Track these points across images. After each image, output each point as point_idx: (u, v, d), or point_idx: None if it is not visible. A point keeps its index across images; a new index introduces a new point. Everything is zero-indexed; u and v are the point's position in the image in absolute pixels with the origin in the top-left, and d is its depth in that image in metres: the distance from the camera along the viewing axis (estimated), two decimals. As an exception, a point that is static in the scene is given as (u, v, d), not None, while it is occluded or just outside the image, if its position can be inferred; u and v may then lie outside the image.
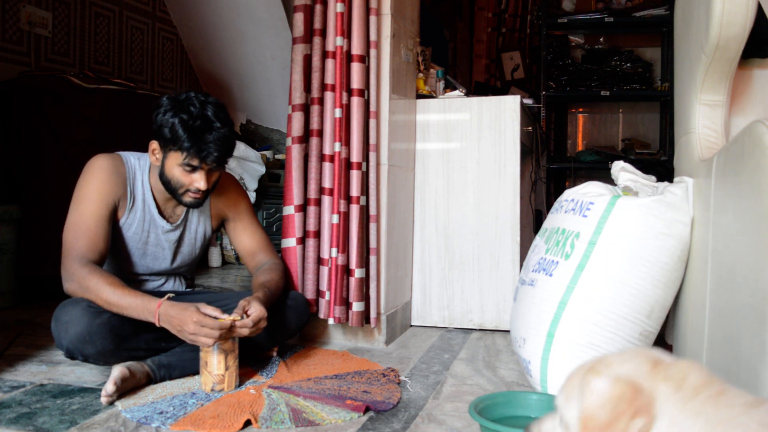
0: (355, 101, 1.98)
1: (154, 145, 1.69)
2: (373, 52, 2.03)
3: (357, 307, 1.97)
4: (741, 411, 0.60)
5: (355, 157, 1.98)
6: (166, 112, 1.62)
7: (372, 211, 2.04)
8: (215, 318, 1.50)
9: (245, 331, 1.54)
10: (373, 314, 2.03)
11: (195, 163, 1.62)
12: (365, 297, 2.01)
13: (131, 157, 1.75)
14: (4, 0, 3.06)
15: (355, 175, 1.97)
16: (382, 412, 1.46)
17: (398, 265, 2.26)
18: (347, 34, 1.98)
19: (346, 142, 1.97)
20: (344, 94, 1.97)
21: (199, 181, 1.65)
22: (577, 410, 0.65)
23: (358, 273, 1.97)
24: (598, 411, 0.63)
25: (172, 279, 1.87)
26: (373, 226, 2.04)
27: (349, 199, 1.98)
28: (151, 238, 1.76)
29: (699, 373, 0.64)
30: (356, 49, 1.98)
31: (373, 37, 2.02)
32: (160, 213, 1.77)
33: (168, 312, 1.50)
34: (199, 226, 1.86)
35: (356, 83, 1.98)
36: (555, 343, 1.48)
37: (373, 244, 2.03)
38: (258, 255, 1.90)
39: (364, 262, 2.00)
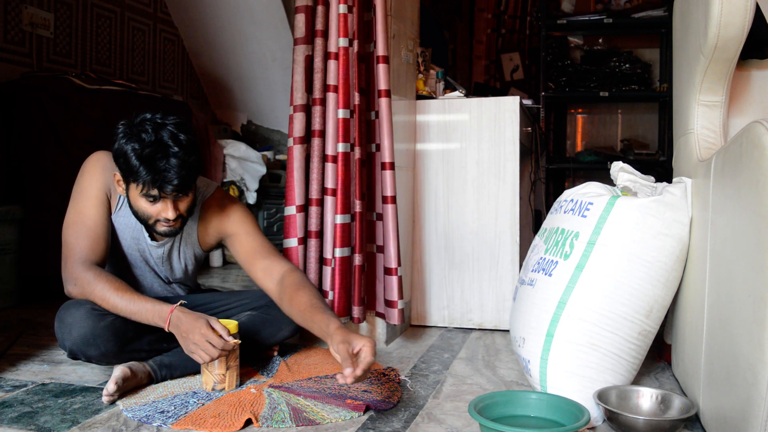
0: (383, 102, 1.99)
1: (118, 175, 1.58)
2: (374, 53, 2.04)
3: (400, 305, 2.00)
4: None
5: (387, 157, 1.99)
6: (120, 139, 1.51)
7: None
8: (220, 337, 1.49)
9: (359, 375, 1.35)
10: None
11: (154, 193, 1.51)
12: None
13: None
14: (6, 1, 3.07)
15: (388, 176, 1.99)
16: (383, 411, 1.47)
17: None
18: (356, 35, 1.99)
19: (360, 142, 1.98)
20: (355, 94, 1.98)
21: (165, 210, 1.54)
22: None
23: (399, 271, 2.00)
24: None
25: (174, 285, 1.86)
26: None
27: (384, 200, 2.01)
28: (142, 246, 1.73)
29: None
30: (381, 50, 2.00)
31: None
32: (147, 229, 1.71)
33: (180, 317, 1.50)
34: (186, 248, 1.78)
35: (383, 84, 1.99)
36: (554, 343, 1.49)
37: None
38: (269, 267, 1.73)
39: (399, 261, 2.02)
